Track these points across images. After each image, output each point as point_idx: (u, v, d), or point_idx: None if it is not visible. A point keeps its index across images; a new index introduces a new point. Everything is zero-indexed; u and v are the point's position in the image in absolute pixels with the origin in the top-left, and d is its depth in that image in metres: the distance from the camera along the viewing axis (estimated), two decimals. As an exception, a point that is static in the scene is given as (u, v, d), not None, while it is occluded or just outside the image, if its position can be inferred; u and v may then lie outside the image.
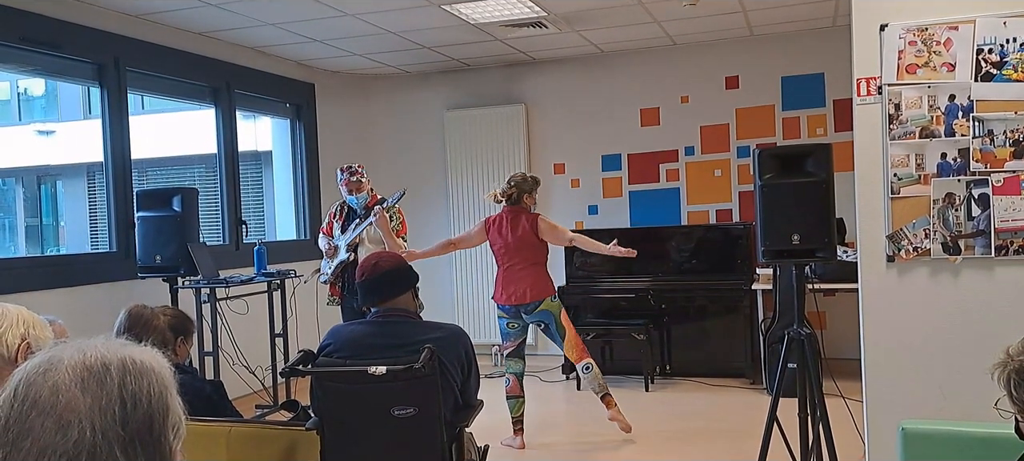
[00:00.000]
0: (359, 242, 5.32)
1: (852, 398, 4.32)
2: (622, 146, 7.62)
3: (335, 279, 5.42)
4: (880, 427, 3.61)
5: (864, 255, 3.67)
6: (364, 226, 5.26)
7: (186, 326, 3.32)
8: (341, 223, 5.44)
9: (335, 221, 5.47)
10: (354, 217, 5.39)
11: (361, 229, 5.28)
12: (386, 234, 5.18)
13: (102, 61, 5.57)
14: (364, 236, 5.30)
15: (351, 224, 5.36)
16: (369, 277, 3.07)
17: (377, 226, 5.18)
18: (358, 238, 5.31)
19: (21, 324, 1.89)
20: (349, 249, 5.32)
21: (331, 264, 5.40)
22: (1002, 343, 1.94)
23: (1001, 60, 3.43)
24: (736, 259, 6.87)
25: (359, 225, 5.30)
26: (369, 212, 5.25)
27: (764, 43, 7.15)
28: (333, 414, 2.88)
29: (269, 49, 6.85)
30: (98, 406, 0.96)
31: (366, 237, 5.30)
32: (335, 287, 5.45)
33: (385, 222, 5.18)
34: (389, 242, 5.16)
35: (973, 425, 2.58)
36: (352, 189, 5.34)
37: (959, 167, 3.50)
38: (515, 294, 4.94)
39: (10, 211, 13.51)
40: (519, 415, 5.03)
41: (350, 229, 5.34)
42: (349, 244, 5.32)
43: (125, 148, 5.73)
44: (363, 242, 5.31)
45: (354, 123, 8.18)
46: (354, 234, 5.31)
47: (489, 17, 6.03)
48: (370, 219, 5.20)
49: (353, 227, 5.33)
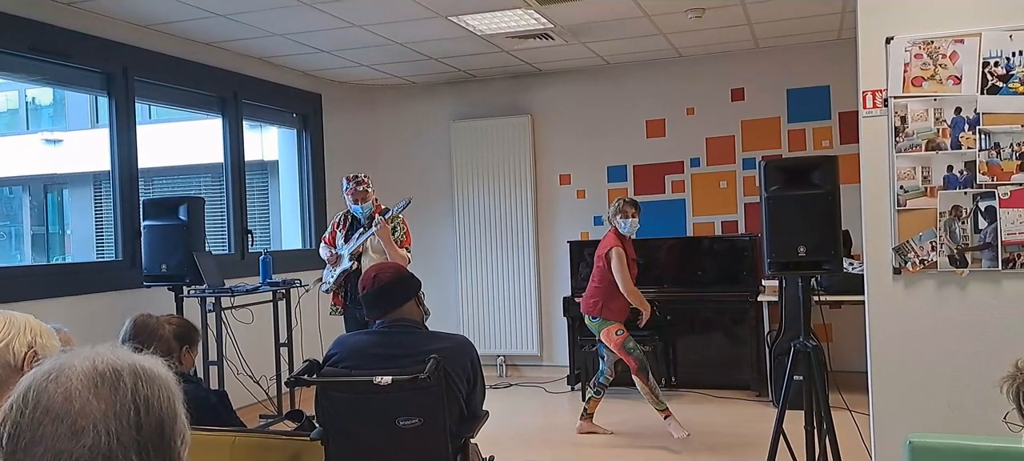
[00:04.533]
0: (363, 251, 5.33)
1: (858, 411, 4.30)
2: (628, 157, 7.63)
3: (338, 288, 5.42)
4: (887, 440, 3.60)
5: (870, 267, 3.66)
6: (367, 235, 5.27)
7: (191, 335, 3.32)
8: (344, 232, 5.44)
9: (339, 230, 5.48)
10: (358, 226, 5.39)
11: (364, 238, 5.28)
12: (387, 243, 5.18)
13: (110, 71, 5.60)
14: (367, 245, 5.30)
15: (355, 233, 5.37)
16: (370, 290, 3.06)
17: (378, 235, 5.18)
18: (361, 247, 5.32)
19: (28, 332, 1.89)
20: (352, 258, 5.33)
21: (334, 272, 5.40)
22: (1010, 356, 1.94)
23: (1007, 73, 3.43)
24: (742, 271, 6.86)
25: (362, 234, 5.30)
26: (372, 221, 5.26)
27: (770, 55, 7.15)
28: (338, 424, 2.88)
29: (276, 59, 6.88)
30: (112, 411, 0.96)
31: (370, 246, 5.30)
32: (338, 296, 5.45)
33: (386, 232, 5.18)
34: (390, 252, 5.16)
35: (981, 439, 2.56)
36: (358, 199, 5.35)
37: (965, 180, 3.49)
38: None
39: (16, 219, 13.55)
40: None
41: (353, 238, 5.35)
42: (352, 253, 5.33)
43: (132, 157, 5.75)
44: (367, 251, 5.31)
45: (360, 134, 8.20)
46: (357, 243, 5.31)
47: (495, 28, 6.04)
48: (372, 229, 5.20)
49: (356, 236, 5.34)
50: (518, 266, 7.78)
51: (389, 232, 5.20)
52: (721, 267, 6.99)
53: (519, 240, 7.75)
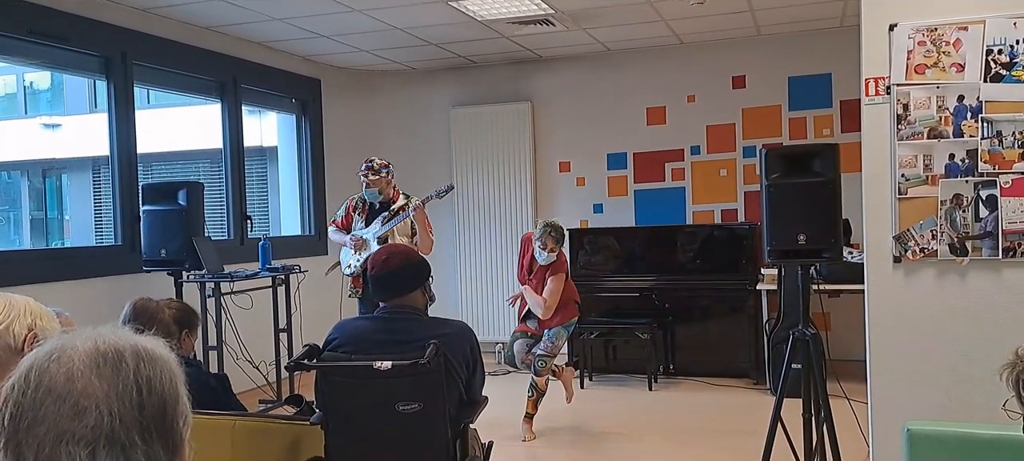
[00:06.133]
0: (389, 235, 5.29)
1: (856, 399, 4.31)
2: (628, 145, 7.61)
3: (362, 270, 5.38)
4: (885, 428, 3.60)
5: (871, 255, 3.66)
6: (401, 219, 5.23)
7: (191, 319, 3.32)
8: (364, 216, 5.40)
9: (357, 214, 5.42)
10: (381, 211, 5.35)
11: (394, 222, 5.24)
12: (422, 229, 5.18)
13: (109, 55, 5.58)
14: (396, 230, 5.28)
15: (378, 217, 5.33)
16: (379, 272, 3.04)
17: (414, 220, 5.16)
18: (389, 232, 5.28)
19: (28, 315, 1.89)
20: (380, 243, 5.28)
21: (360, 256, 5.33)
22: (1009, 344, 1.93)
23: (1010, 61, 3.42)
24: (741, 259, 6.86)
25: (393, 219, 5.25)
26: (389, 205, 5.22)
27: (771, 43, 7.13)
28: (338, 409, 2.88)
29: (276, 44, 6.85)
30: (115, 391, 0.96)
31: (396, 231, 5.28)
32: (358, 278, 5.41)
33: (423, 215, 5.17)
34: (423, 236, 5.17)
35: (979, 426, 2.57)
36: (371, 185, 5.30)
37: (967, 168, 3.49)
38: None
39: (16, 204, 13.55)
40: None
41: (376, 222, 5.30)
42: (380, 238, 5.28)
43: (131, 142, 5.74)
44: (394, 235, 5.28)
45: (360, 119, 8.18)
46: (384, 228, 5.26)
47: (496, 14, 6.02)
48: (409, 212, 5.18)
49: (382, 220, 5.29)
50: (518, 253, 7.76)
51: (425, 216, 5.20)
52: (720, 255, 6.99)
53: (519, 227, 7.73)
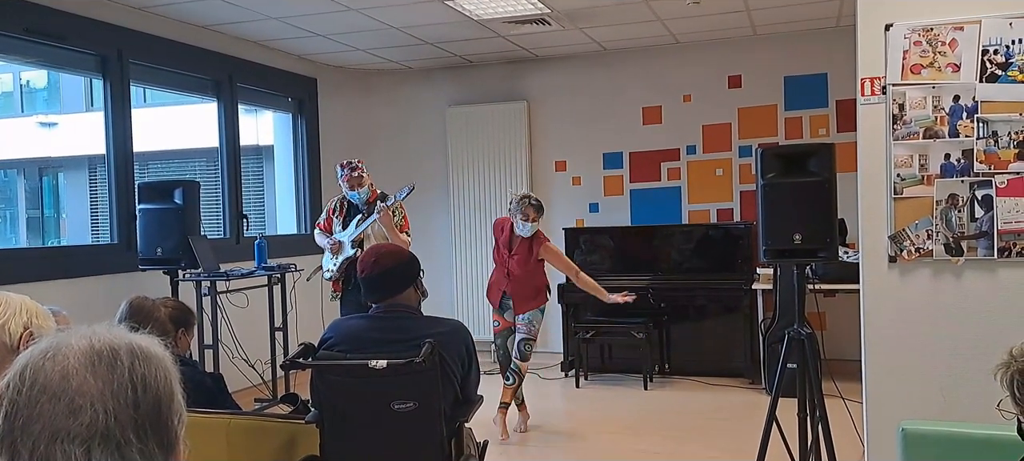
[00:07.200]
0: (364, 238, 5.32)
1: (851, 399, 4.31)
2: (624, 144, 7.62)
3: (340, 275, 5.41)
4: (880, 428, 3.61)
5: (866, 255, 3.67)
6: (368, 222, 5.25)
7: (187, 318, 3.32)
8: (341, 219, 5.43)
9: (335, 217, 5.46)
10: (355, 213, 5.38)
11: (365, 225, 5.27)
12: (389, 230, 5.17)
13: (105, 53, 5.57)
14: (369, 232, 5.29)
15: (353, 220, 5.36)
16: (370, 274, 3.04)
17: (380, 222, 5.17)
18: (362, 234, 5.31)
19: (24, 313, 1.89)
20: (354, 245, 5.32)
21: (336, 260, 5.37)
22: (1004, 345, 1.94)
23: (1006, 61, 3.43)
24: (737, 259, 6.86)
25: (364, 221, 5.29)
26: (372, 207, 5.24)
27: (767, 43, 7.14)
28: (333, 407, 2.88)
29: (272, 43, 6.84)
30: (110, 390, 0.96)
31: (371, 233, 5.29)
32: (337, 283, 5.44)
33: (388, 218, 5.17)
34: (392, 237, 5.16)
35: (974, 426, 2.58)
36: (353, 185, 5.33)
37: (963, 168, 3.49)
38: None
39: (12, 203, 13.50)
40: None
41: (352, 225, 5.34)
42: (354, 240, 5.31)
43: (127, 141, 5.73)
44: (368, 238, 5.30)
45: (356, 118, 8.18)
46: (358, 230, 5.30)
47: (492, 13, 6.02)
48: (374, 215, 5.19)
49: (355, 223, 5.32)
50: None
51: (391, 218, 5.19)
52: (716, 254, 7.00)
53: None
